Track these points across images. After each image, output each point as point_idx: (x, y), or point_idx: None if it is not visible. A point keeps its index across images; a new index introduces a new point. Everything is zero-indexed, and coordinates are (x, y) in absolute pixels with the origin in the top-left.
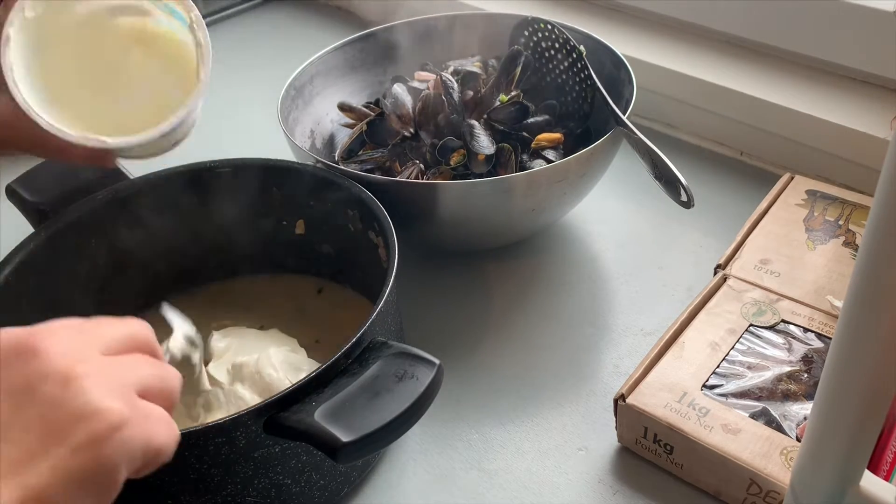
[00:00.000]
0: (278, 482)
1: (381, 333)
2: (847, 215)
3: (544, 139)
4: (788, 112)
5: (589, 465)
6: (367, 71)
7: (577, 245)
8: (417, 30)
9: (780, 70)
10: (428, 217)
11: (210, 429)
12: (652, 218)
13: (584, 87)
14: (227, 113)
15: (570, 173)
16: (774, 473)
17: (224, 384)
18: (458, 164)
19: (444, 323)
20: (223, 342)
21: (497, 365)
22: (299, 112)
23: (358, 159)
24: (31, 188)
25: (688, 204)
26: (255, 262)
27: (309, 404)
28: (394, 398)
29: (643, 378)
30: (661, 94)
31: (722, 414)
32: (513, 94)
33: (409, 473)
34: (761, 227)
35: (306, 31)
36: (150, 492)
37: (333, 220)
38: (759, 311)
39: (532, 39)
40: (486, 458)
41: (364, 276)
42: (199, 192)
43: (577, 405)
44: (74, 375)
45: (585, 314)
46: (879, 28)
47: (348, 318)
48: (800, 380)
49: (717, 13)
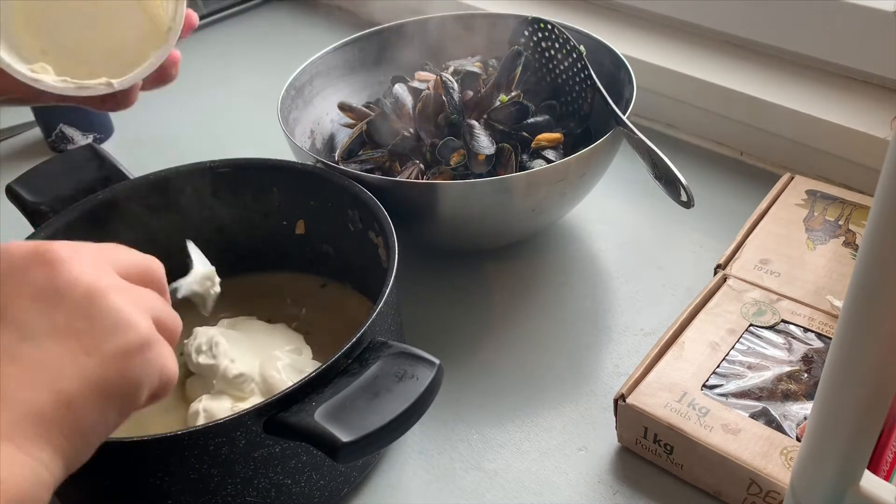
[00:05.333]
0: (278, 482)
1: (381, 333)
2: (847, 215)
3: (544, 139)
4: (788, 112)
5: (589, 465)
6: (367, 71)
7: (577, 245)
8: (417, 30)
9: (780, 70)
10: (428, 217)
11: (210, 429)
12: (652, 218)
13: (584, 87)
14: (227, 113)
15: (570, 173)
16: (774, 473)
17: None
18: (458, 164)
19: (444, 323)
20: (230, 335)
21: (497, 365)
22: (299, 112)
23: (358, 159)
24: (31, 188)
25: (688, 204)
26: (254, 262)
27: (309, 404)
28: (394, 398)
29: (643, 378)
30: (661, 94)
31: (722, 414)
32: (513, 94)
33: (409, 473)
34: (761, 227)
35: (306, 31)
36: (150, 492)
37: (333, 220)
38: (759, 311)
39: (532, 39)
40: (486, 458)
41: (364, 276)
42: (199, 192)
43: (577, 405)
44: (101, 289)
45: (585, 314)
46: (879, 28)
47: (348, 318)
48: (800, 380)
49: (717, 13)
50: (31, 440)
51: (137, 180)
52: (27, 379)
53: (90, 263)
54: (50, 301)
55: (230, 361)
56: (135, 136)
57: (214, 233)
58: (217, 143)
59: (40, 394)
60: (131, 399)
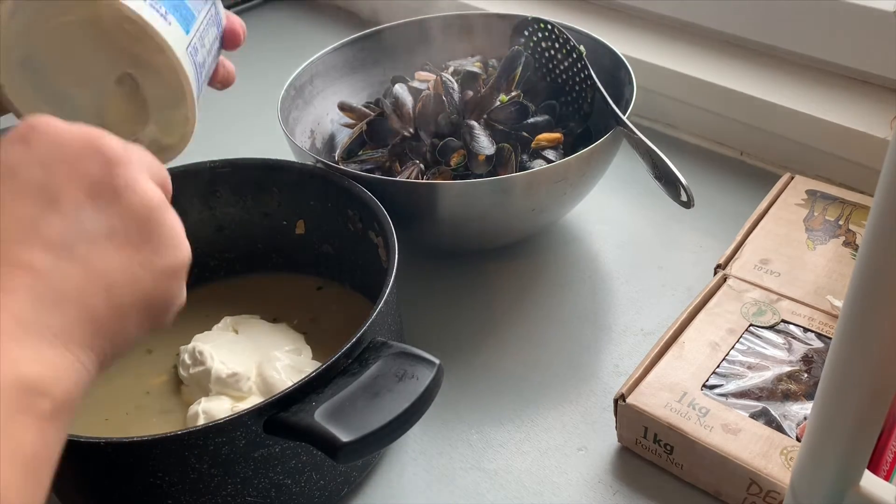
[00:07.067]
0: (278, 482)
1: (381, 333)
2: (847, 215)
3: (544, 139)
4: (788, 112)
5: (589, 465)
6: (367, 71)
7: (577, 245)
8: (417, 30)
9: (780, 70)
10: (428, 217)
11: (210, 429)
12: (652, 218)
13: (584, 87)
14: (228, 113)
15: (570, 173)
16: (774, 473)
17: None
18: (458, 165)
19: (445, 323)
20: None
21: (497, 365)
22: (299, 112)
23: (358, 159)
24: None
25: (688, 204)
26: (254, 261)
27: (309, 404)
28: (394, 398)
29: (643, 378)
30: (661, 94)
31: (722, 414)
32: (513, 94)
33: (409, 473)
34: (761, 227)
35: (306, 31)
36: (150, 492)
37: (333, 220)
38: (759, 311)
39: (532, 39)
40: (486, 458)
41: (364, 276)
42: (199, 192)
43: (577, 405)
44: (157, 203)
45: (585, 314)
46: (879, 28)
47: (348, 318)
48: (800, 380)
49: (717, 13)
50: (80, 344)
51: None
52: (86, 283)
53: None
54: (108, 201)
55: (220, 363)
56: None
57: (214, 233)
58: (217, 143)
59: (97, 301)
60: (165, 315)
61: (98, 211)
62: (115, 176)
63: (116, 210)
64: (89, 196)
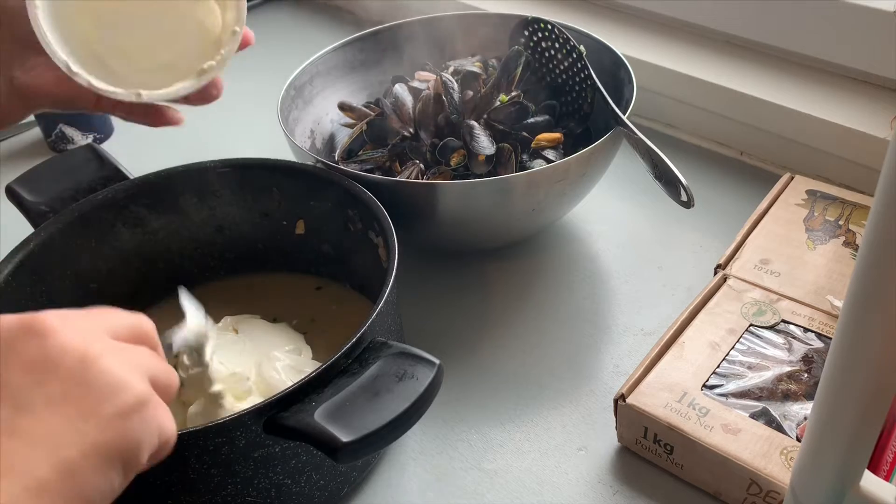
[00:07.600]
0: (278, 482)
1: (381, 333)
2: (847, 215)
3: (544, 139)
4: (788, 112)
5: (589, 465)
6: (367, 71)
7: (577, 245)
8: (417, 30)
9: (780, 70)
10: (428, 217)
11: (210, 429)
12: (652, 218)
13: (584, 87)
14: (228, 113)
15: (570, 173)
16: (774, 473)
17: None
18: (458, 165)
19: (444, 323)
20: (232, 332)
21: (497, 365)
22: (299, 112)
23: (358, 159)
24: (31, 188)
25: (688, 204)
26: (254, 261)
27: (309, 404)
28: (394, 398)
29: (643, 378)
30: (661, 94)
31: (722, 414)
32: (513, 94)
33: (409, 473)
34: (761, 227)
35: (306, 31)
36: (150, 492)
37: (333, 220)
38: (760, 311)
39: (532, 39)
40: (486, 458)
41: (364, 276)
42: (199, 192)
43: (577, 405)
44: (93, 354)
45: (585, 314)
46: (879, 28)
47: (348, 318)
48: (800, 380)
49: (717, 13)
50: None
51: (137, 180)
52: (27, 451)
53: (80, 329)
54: (44, 371)
55: (220, 363)
56: (135, 136)
57: (214, 233)
58: (217, 143)
59: (41, 465)
60: (132, 460)
61: (36, 384)
62: (48, 346)
63: (53, 376)
64: (27, 373)
